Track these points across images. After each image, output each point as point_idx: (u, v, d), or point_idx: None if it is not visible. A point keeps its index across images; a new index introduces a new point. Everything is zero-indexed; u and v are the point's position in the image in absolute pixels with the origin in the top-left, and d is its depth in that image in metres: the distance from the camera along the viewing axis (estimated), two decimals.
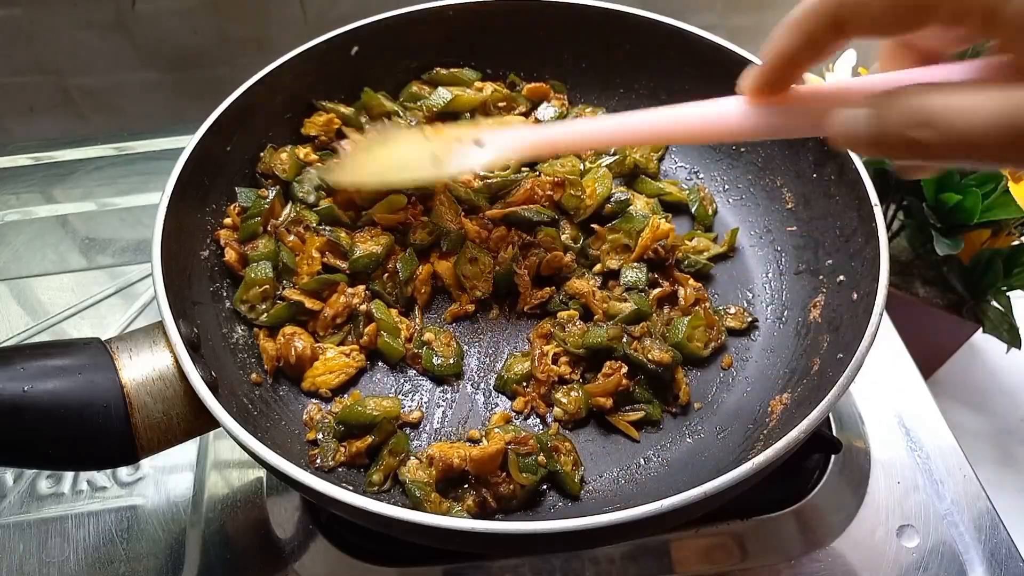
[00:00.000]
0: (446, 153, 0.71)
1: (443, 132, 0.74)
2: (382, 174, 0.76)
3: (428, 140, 0.74)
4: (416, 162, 0.72)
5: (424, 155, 0.72)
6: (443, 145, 0.72)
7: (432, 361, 0.72)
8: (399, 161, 0.75)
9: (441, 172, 0.71)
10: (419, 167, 0.72)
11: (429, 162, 0.71)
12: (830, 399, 0.55)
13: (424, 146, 0.73)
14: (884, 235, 0.65)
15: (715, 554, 0.71)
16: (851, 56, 1.07)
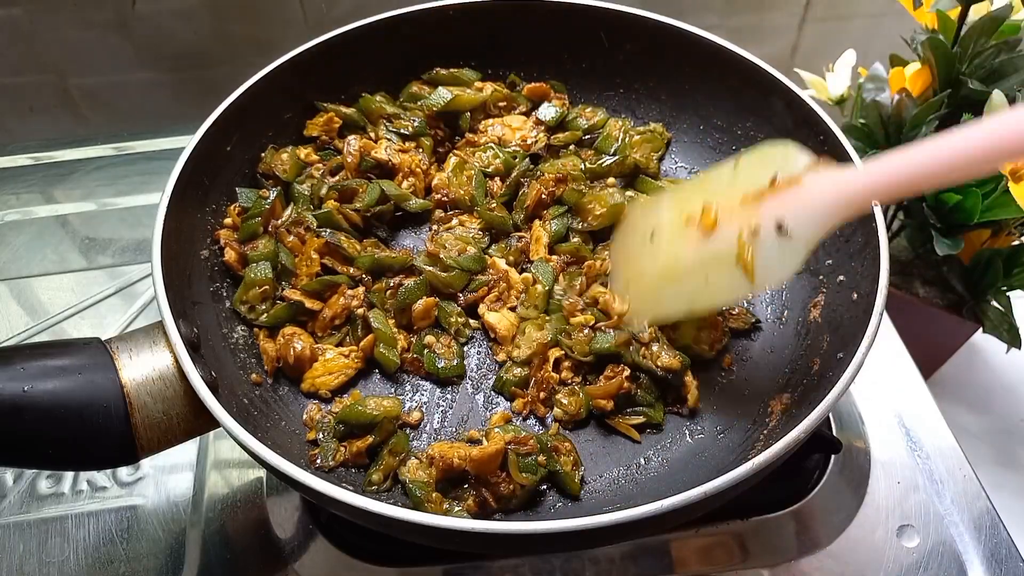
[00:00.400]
0: (747, 259, 0.55)
1: (717, 211, 0.57)
2: (677, 296, 0.61)
3: (707, 233, 0.58)
4: (719, 280, 0.57)
5: (720, 266, 0.57)
6: (738, 246, 0.56)
7: (435, 364, 0.72)
8: (692, 279, 0.60)
9: (755, 288, 0.57)
10: (726, 287, 0.58)
11: (735, 279, 0.56)
12: (830, 399, 0.55)
13: (711, 248, 0.57)
14: (884, 235, 0.65)
15: (715, 554, 0.71)
16: (851, 56, 1.07)
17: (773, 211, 0.54)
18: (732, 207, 0.57)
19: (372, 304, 0.75)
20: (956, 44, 0.93)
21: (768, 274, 0.57)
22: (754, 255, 0.55)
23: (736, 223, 0.57)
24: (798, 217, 0.54)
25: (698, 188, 0.65)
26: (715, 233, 0.58)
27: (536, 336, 0.72)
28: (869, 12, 1.41)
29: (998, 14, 0.90)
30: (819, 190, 0.54)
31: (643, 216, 0.69)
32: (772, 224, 0.54)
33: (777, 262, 0.55)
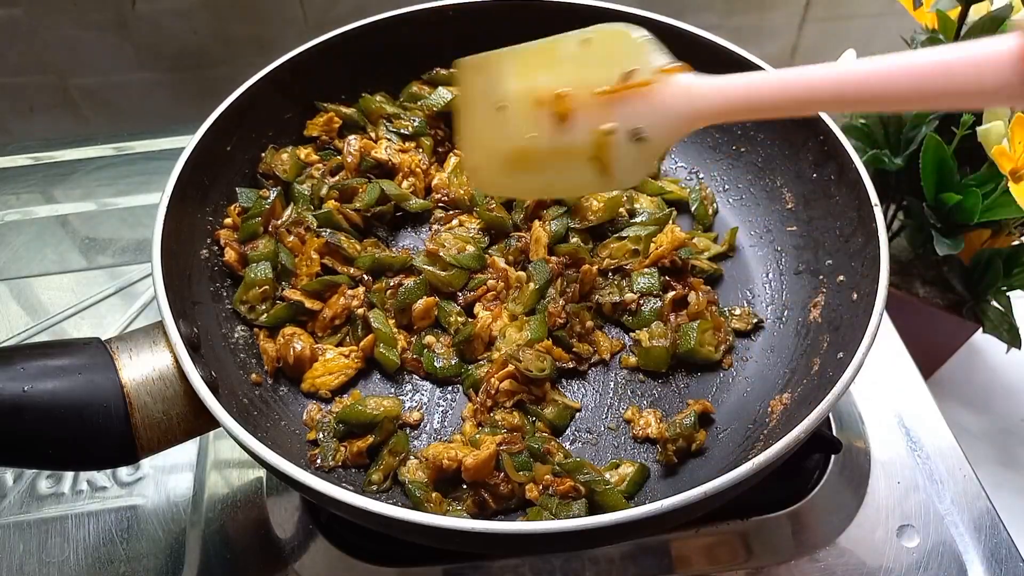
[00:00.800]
0: (607, 159, 0.55)
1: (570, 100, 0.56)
2: (525, 183, 0.61)
3: (561, 122, 0.56)
4: (574, 173, 0.57)
5: (574, 160, 0.57)
6: (594, 144, 0.55)
7: (434, 364, 0.72)
8: (547, 167, 0.59)
9: (613, 186, 0.58)
10: (582, 182, 0.58)
11: (591, 175, 0.56)
12: (830, 399, 0.55)
13: (565, 139, 0.56)
14: (884, 235, 0.65)
15: (715, 554, 0.71)
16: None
17: (628, 112, 0.54)
18: (585, 98, 0.56)
19: (372, 304, 0.75)
20: None
21: (624, 176, 0.57)
22: (610, 155, 0.54)
23: (590, 118, 0.56)
24: (653, 125, 0.54)
25: (544, 59, 0.62)
26: (569, 123, 0.56)
27: (515, 337, 0.72)
28: (869, 12, 1.41)
29: (998, 14, 0.90)
30: (673, 99, 0.54)
31: (487, 80, 0.64)
32: (627, 128, 0.54)
33: (631, 165, 0.55)
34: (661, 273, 0.77)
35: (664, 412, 0.71)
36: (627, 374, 0.74)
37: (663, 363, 0.73)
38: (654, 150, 0.55)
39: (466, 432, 0.68)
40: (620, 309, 0.77)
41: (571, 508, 0.61)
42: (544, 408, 0.70)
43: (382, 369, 0.73)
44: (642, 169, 0.56)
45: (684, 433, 0.66)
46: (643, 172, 0.57)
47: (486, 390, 0.69)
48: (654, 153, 0.55)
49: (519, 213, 0.82)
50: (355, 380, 0.73)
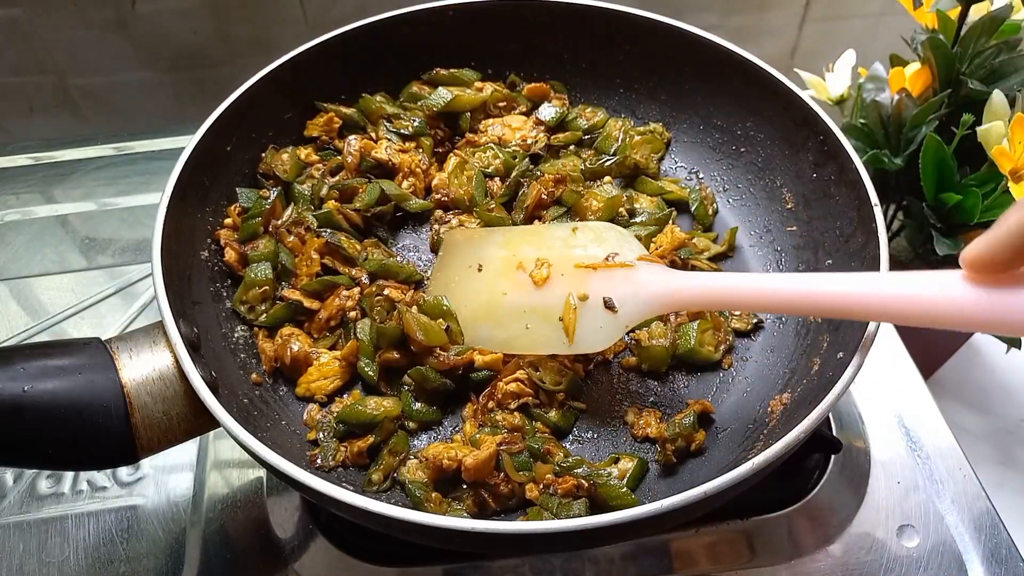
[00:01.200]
0: (570, 322, 0.60)
1: (550, 269, 0.61)
2: (488, 335, 0.66)
3: (537, 286, 0.62)
4: (539, 331, 0.62)
5: (543, 320, 0.62)
6: (565, 307, 0.60)
7: (411, 406, 0.69)
8: (513, 322, 0.64)
9: (571, 350, 0.61)
10: (544, 340, 0.62)
11: (555, 334, 0.61)
12: (830, 399, 0.55)
13: (537, 299, 0.61)
14: (884, 235, 0.65)
15: (715, 554, 0.71)
16: (851, 56, 1.07)
17: (604, 286, 0.60)
18: (566, 269, 0.62)
19: (364, 311, 0.73)
20: (956, 44, 0.93)
21: (587, 339, 0.61)
22: (577, 319, 0.60)
23: (566, 285, 0.61)
24: (625, 299, 0.59)
25: (532, 238, 0.69)
26: (545, 287, 0.63)
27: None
28: (869, 12, 1.41)
29: (998, 14, 0.90)
30: (647, 282, 0.60)
31: (470, 245, 0.72)
32: (600, 297, 0.59)
33: (598, 331, 0.60)
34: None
35: (664, 412, 0.71)
36: (627, 374, 0.74)
37: (663, 363, 0.73)
38: (621, 321, 0.60)
39: (466, 432, 0.68)
40: None
41: (572, 508, 0.61)
42: (548, 411, 0.70)
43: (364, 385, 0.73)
44: (604, 336, 0.60)
45: (684, 433, 0.66)
46: (604, 340, 0.60)
47: (490, 393, 0.69)
48: (620, 324, 0.60)
49: (519, 213, 0.82)
50: (351, 383, 0.73)
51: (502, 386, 0.69)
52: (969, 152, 0.90)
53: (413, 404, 0.69)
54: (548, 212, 0.82)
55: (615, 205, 0.81)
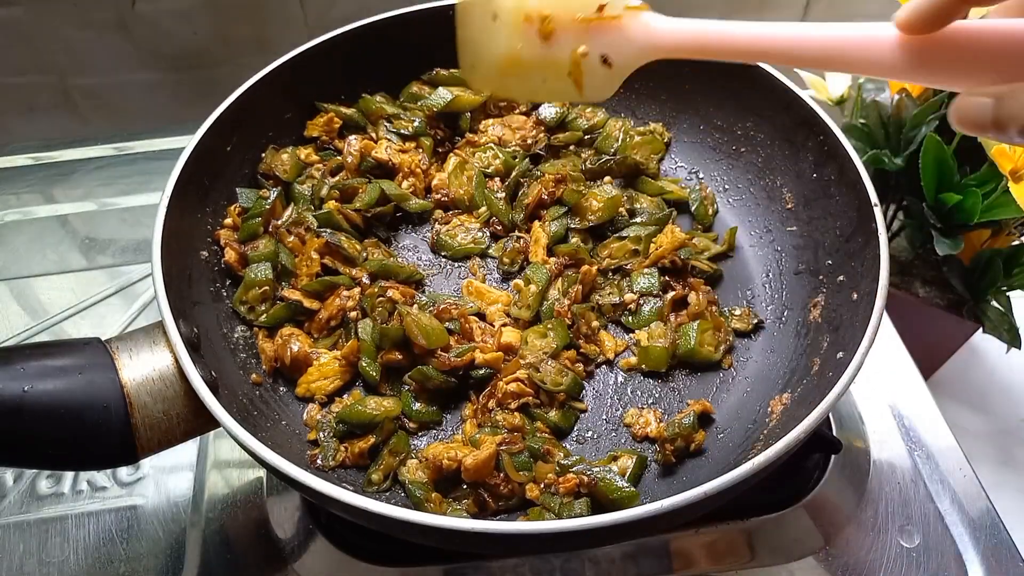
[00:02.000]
0: (580, 76, 0.65)
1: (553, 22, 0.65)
2: (513, 86, 0.68)
3: (543, 40, 0.66)
4: (554, 84, 0.66)
5: (556, 75, 0.66)
6: (571, 62, 0.65)
7: (411, 406, 0.70)
8: (532, 75, 0.68)
9: (583, 99, 0.67)
10: (560, 91, 0.67)
11: (567, 87, 0.66)
12: (830, 399, 0.55)
13: (547, 53, 0.66)
14: (884, 235, 0.65)
15: (715, 554, 0.71)
16: None
17: (600, 42, 0.64)
18: (567, 22, 0.66)
19: (365, 311, 0.73)
20: None
21: (593, 92, 0.66)
22: (583, 73, 0.65)
23: (569, 39, 0.65)
24: (618, 52, 0.64)
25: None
26: (551, 42, 0.66)
27: (539, 344, 0.72)
28: (869, 12, 1.41)
29: None
30: (635, 32, 0.64)
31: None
32: (598, 53, 0.64)
33: (599, 83, 0.65)
34: (661, 273, 0.77)
35: (664, 412, 0.71)
36: (627, 374, 0.74)
37: (663, 363, 0.73)
38: (618, 73, 0.65)
39: (466, 432, 0.68)
40: (620, 309, 0.77)
41: (573, 507, 0.61)
42: (549, 411, 0.70)
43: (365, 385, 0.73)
44: (607, 88, 0.65)
45: (683, 433, 0.66)
46: (608, 91, 0.65)
47: (491, 393, 0.69)
48: (618, 75, 0.65)
49: (519, 212, 0.82)
50: (351, 384, 0.73)
51: (502, 386, 0.69)
52: (969, 152, 0.90)
53: (413, 404, 0.69)
54: (548, 212, 0.82)
55: (615, 205, 0.81)
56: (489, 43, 0.71)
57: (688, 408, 0.69)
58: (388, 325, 0.69)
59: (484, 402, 0.69)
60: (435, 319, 0.71)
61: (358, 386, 0.73)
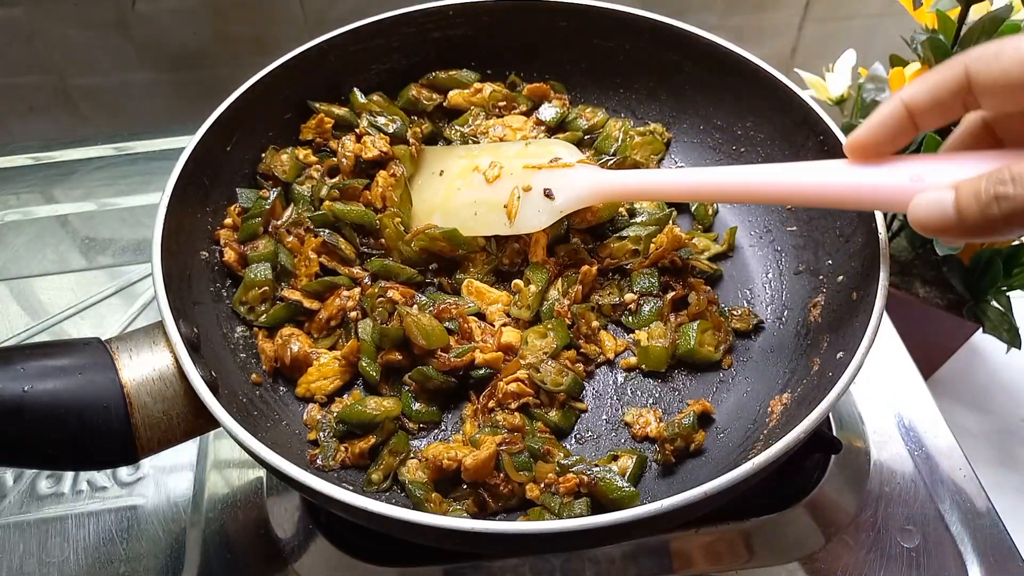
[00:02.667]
0: (513, 207, 0.73)
1: (501, 169, 0.75)
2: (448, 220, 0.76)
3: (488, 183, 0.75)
4: (485, 216, 0.74)
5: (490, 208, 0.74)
6: (509, 196, 0.73)
7: (410, 406, 0.70)
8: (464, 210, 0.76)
9: (512, 230, 0.73)
10: (489, 223, 0.74)
11: (499, 218, 0.73)
12: (830, 399, 0.55)
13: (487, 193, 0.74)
14: (884, 235, 0.65)
15: (715, 554, 0.71)
16: (851, 56, 1.07)
17: (546, 180, 0.72)
18: (515, 170, 0.75)
19: (365, 312, 0.73)
20: (956, 44, 0.93)
21: (527, 221, 0.72)
22: (519, 206, 0.72)
23: (514, 181, 0.74)
24: (562, 190, 0.71)
25: (491, 151, 0.81)
26: (495, 183, 0.75)
27: (539, 344, 0.72)
28: (869, 12, 1.41)
29: (998, 14, 0.90)
30: (582, 177, 0.72)
31: (436, 159, 0.84)
32: (541, 188, 0.72)
33: (536, 215, 0.72)
34: (661, 273, 0.77)
35: (664, 412, 0.71)
36: (627, 374, 0.74)
37: (663, 363, 0.73)
38: (557, 206, 0.72)
39: (466, 432, 0.68)
40: (620, 309, 0.77)
41: (574, 507, 0.61)
42: (549, 411, 0.70)
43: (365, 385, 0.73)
44: (541, 219, 0.72)
45: (683, 433, 0.66)
46: (541, 222, 0.72)
47: (491, 393, 0.69)
48: (556, 209, 0.72)
49: None
50: (351, 384, 0.73)
51: (502, 386, 0.69)
52: None
53: (413, 404, 0.69)
54: None
55: (615, 205, 0.81)
56: (432, 191, 0.80)
57: (688, 408, 0.69)
58: (388, 325, 0.69)
59: (484, 402, 0.69)
60: (435, 319, 0.71)
61: (358, 386, 0.73)
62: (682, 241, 0.79)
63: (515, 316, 0.74)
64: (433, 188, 0.80)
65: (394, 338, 0.69)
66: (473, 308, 0.75)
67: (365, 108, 0.87)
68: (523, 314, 0.74)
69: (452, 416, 0.71)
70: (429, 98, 0.91)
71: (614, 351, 0.75)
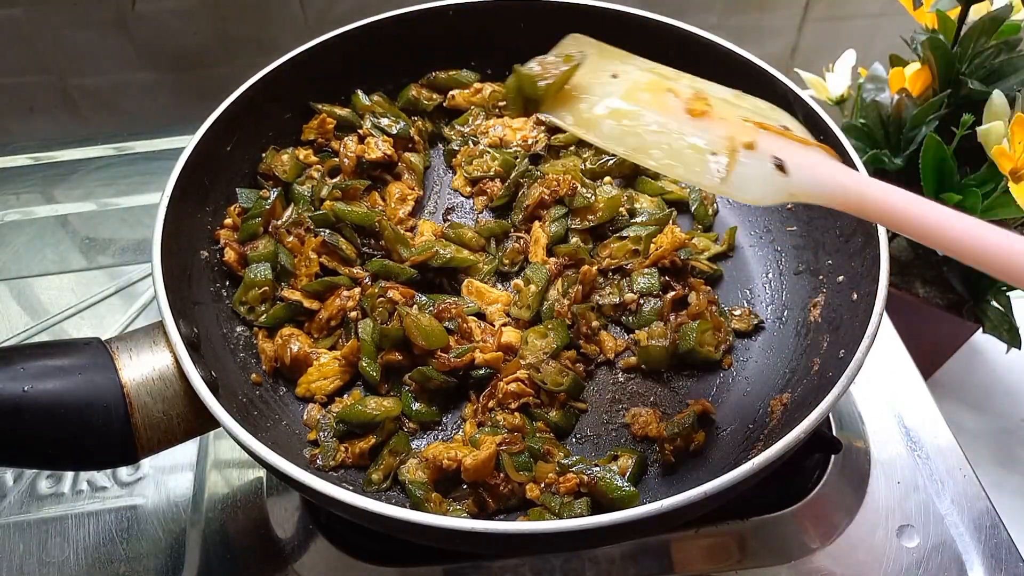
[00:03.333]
0: (731, 162, 0.54)
1: (709, 108, 0.56)
2: (632, 146, 0.57)
3: (690, 116, 0.56)
4: (682, 154, 0.55)
5: (691, 147, 0.55)
6: (726, 146, 0.54)
7: (410, 406, 0.70)
8: (648, 133, 0.56)
9: (722, 189, 0.54)
10: (687, 163, 0.55)
11: (702, 165, 0.54)
12: (830, 399, 0.55)
13: (685, 127, 0.56)
14: (884, 235, 0.65)
15: (715, 554, 0.71)
16: (851, 56, 1.07)
17: (779, 146, 0.54)
18: (728, 115, 0.57)
19: (365, 312, 0.73)
20: (956, 44, 0.93)
21: (744, 185, 0.54)
22: (738, 162, 0.54)
23: (728, 129, 0.56)
24: (800, 168, 0.53)
25: (688, 78, 0.64)
26: (700, 120, 0.56)
27: (539, 344, 0.72)
28: (869, 12, 1.41)
29: (998, 14, 0.90)
30: (826, 165, 0.54)
31: (607, 58, 0.64)
32: (771, 153, 0.54)
33: (759, 182, 0.53)
34: (661, 273, 0.77)
35: (664, 412, 0.71)
36: (627, 374, 0.74)
37: (663, 363, 0.73)
38: (787, 187, 0.53)
39: (466, 432, 0.68)
40: (620, 309, 0.77)
41: (574, 507, 0.61)
42: (549, 411, 0.69)
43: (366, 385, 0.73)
44: (765, 191, 0.53)
45: (683, 433, 0.66)
46: (764, 194, 0.54)
47: (491, 393, 0.69)
48: (785, 188, 0.53)
49: (518, 214, 0.82)
50: (351, 384, 0.73)
51: (503, 386, 0.69)
52: (969, 152, 0.90)
53: (413, 404, 0.69)
54: (548, 212, 0.82)
55: (615, 205, 0.81)
56: (593, 83, 0.60)
57: (688, 408, 0.69)
58: (388, 326, 0.69)
59: (484, 402, 0.69)
60: (435, 320, 0.70)
61: (358, 386, 0.73)
62: (682, 241, 0.79)
63: (515, 316, 0.74)
64: (605, 87, 0.60)
65: (394, 338, 0.69)
66: (473, 308, 0.75)
67: (368, 109, 0.87)
68: (523, 314, 0.74)
69: (452, 416, 0.71)
70: (429, 98, 0.91)
71: (614, 351, 0.75)
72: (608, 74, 0.61)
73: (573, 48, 0.64)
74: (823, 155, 0.56)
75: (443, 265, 0.76)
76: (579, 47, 0.64)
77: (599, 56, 0.63)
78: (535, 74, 0.59)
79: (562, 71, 0.60)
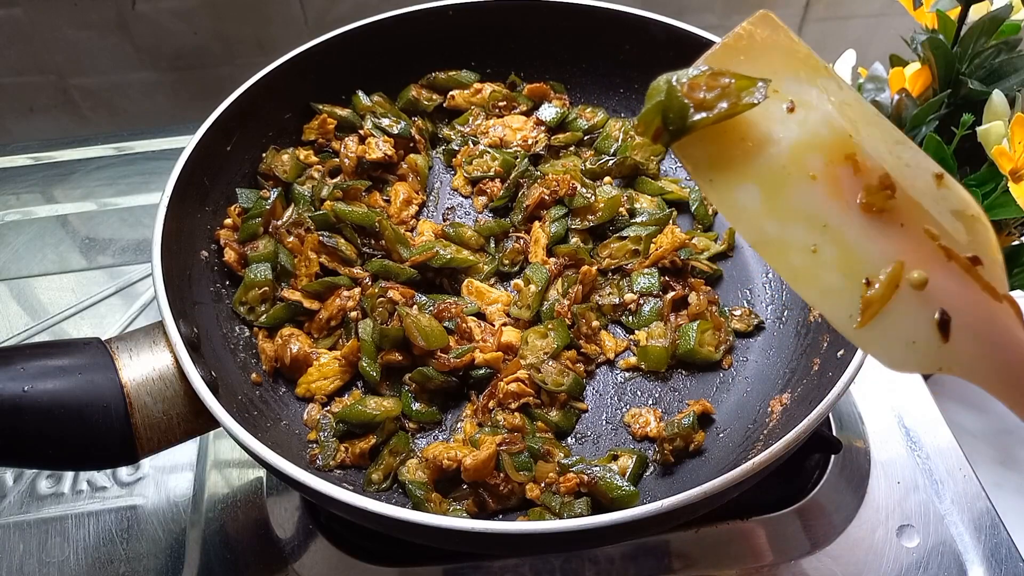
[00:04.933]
0: (880, 298, 0.38)
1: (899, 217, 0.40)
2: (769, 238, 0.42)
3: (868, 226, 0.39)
4: (821, 269, 0.40)
5: (849, 271, 0.40)
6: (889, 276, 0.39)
7: (410, 406, 0.70)
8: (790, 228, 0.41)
9: (853, 335, 0.40)
10: (820, 283, 0.40)
11: (845, 293, 0.39)
12: (830, 399, 0.55)
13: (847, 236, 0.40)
14: None
15: (715, 554, 0.71)
16: (851, 56, 1.07)
17: (948, 288, 0.38)
18: (914, 221, 0.40)
19: (365, 312, 0.73)
20: (956, 44, 0.93)
21: (883, 341, 0.38)
22: (888, 304, 0.38)
23: (902, 244, 0.39)
24: (970, 340, 0.37)
25: (868, 119, 0.43)
26: (872, 219, 0.40)
27: (540, 344, 0.72)
28: (869, 12, 1.41)
29: (998, 14, 0.90)
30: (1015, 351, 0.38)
31: (789, 58, 0.45)
32: (940, 303, 0.38)
33: (905, 342, 0.38)
34: (661, 273, 0.77)
35: (664, 412, 0.71)
36: (627, 374, 0.74)
37: (663, 363, 0.73)
38: (938, 359, 0.38)
39: (466, 432, 0.68)
40: (620, 309, 0.77)
41: (574, 506, 0.61)
42: (549, 411, 0.69)
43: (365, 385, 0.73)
44: (908, 355, 0.38)
45: (683, 433, 0.66)
46: (905, 359, 0.39)
47: (491, 393, 0.69)
48: (936, 358, 0.38)
49: (518, 214, 0.82)
50: (351, 384, 0.73)
51: (503, 386, 0.69)
52: (969, 152, 0.90)
53: (413, 404, 0.69)
54: (548, 212, 0.82)
55: (615, 205, 0.81)
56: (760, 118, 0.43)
57: (688, 408, 0.69)
58: (388, 326, 0.69)
59: (484, 402, 0.69)
60: (435, 320, 0.71)
61: (358, 386, 0.73)
62: (682, 241, 0.79)
63: (515, 316, 0.74)
64: (769, 131, 0.43)
65: (394, 338, 0.69)
66: (473, 308, 0.75)
67: (368, 109, 0.87)
68: (523, 314, 0.74)
69: (452, 416, 0.71)
70: (429, 98, 0.91)
71: (614, 351, 0.75)
72: (783, 105, 0.43)
73: (760, 55, 0.45)
74: (1008, 317, 0.38)
75: (443, 265, 0.76)
76: (767, 50, 0.45)
77: (783, 62, 0.45)
78: (692, 100, 0.45)
79: (728, 106, 0.43)
